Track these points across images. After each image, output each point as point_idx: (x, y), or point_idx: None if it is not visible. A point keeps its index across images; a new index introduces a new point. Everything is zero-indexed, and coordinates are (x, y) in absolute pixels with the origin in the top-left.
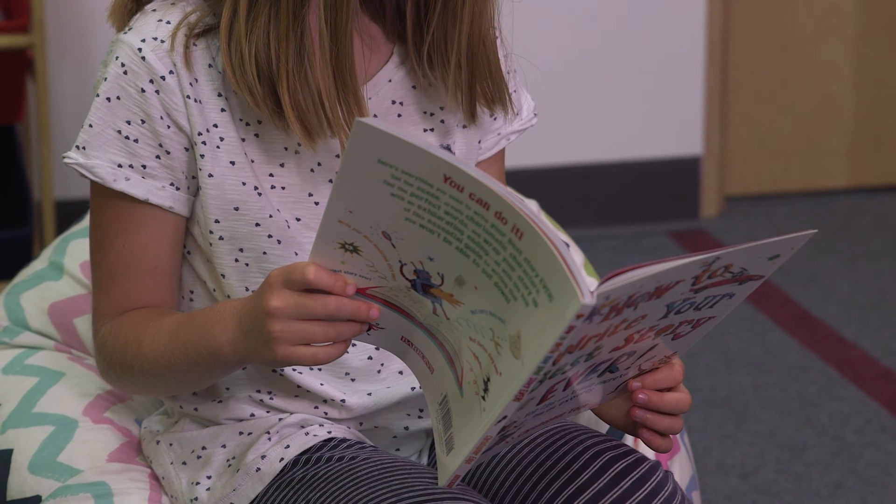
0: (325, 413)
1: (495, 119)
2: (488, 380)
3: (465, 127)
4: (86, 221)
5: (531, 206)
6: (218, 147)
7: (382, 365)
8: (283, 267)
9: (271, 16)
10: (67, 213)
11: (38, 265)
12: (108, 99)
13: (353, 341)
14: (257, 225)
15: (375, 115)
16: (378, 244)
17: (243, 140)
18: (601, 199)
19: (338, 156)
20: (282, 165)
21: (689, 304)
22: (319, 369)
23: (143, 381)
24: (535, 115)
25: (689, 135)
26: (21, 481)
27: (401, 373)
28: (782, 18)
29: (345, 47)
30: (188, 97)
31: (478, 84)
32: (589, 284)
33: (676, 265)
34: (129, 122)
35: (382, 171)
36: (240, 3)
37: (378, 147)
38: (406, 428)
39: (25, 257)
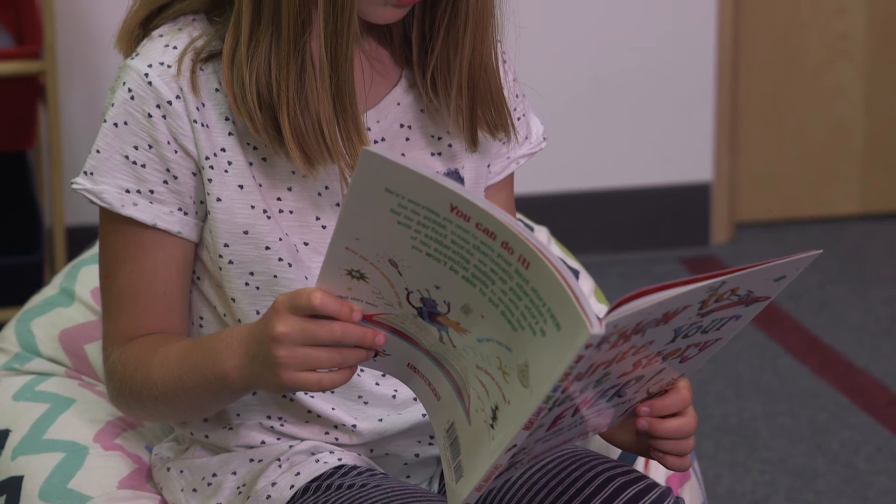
0: (336, 439)
1: (504, 143)
2: (496, 408)
3: (472, 151)
4: (96, 248)
5: (541, 234)
6: (226, 171)
7: (396, 391)
8: (290, 292)
9: (272, 42)
10: (78, 239)
11: (49, 291)
12: (116, 124)
13: (360, 367)
14: (267, 248)
15: (384, 139)
16: (385, 271)
17: (251, 164)
18: (611, 225)
19: (346, 178)
20: (289, 189)
21: (696, 328)
22: (332, 392)
23: (153, 407)
24: (545, 138)
25: (699, 161)
26: None
27: (415, 399)
28: (792, 44)
29: (345, 74)
30: (195, 122)
31: (479, 110)
32: (597, 312)
33: (684, 291)
34: (136, 148)
35: (389, 199)
36: (242, 29)
37: (385, 176)
38: (416, 455)
39: (36, 283)
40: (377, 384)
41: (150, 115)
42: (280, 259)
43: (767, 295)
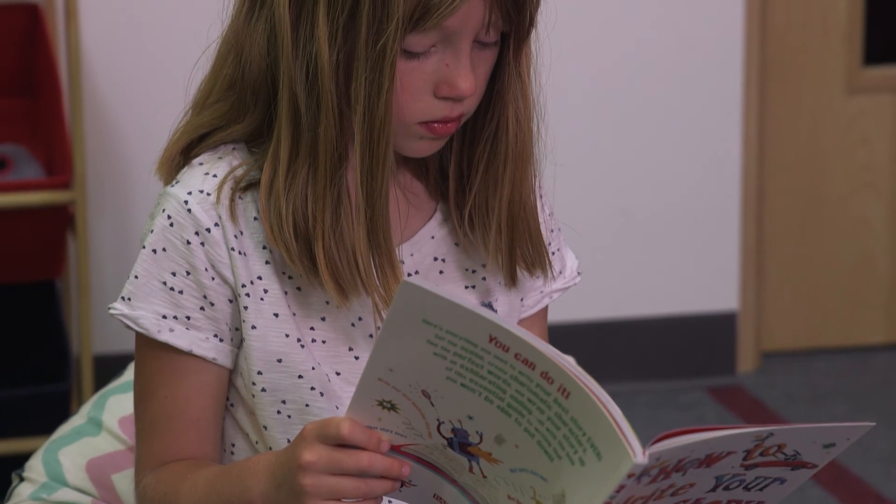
0: None
1: (538, 277)
2: None
3: (511, 288)
4: (125, 377)
5: (568, 362)
6: (262, 299)
7: None
8: (319, 421)
9: (309, 175)
10: (106, 368)
11: (76, 421)
12: (154, 251)
13: (386, 497)
14: (300, 377)
15: (417, 272)
16: (416, 402)
17: (286, 293)
18: (637, 354)
19: (379, 311)
20: (322, 319)
21: (738, 482)
22: None
23: None
24: (579, 273)
25: (725, 290)
26: None
27: None
28: (816, 174)
29: (380, 209)
30: (233, 249)
31: (518, 248)
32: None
33: (729, 434)
34: (174, 274)
35: (427, 330)
36: (280, 160)
37: (423, 307)
38: None
39: (64, 413)
40: None
41: (188, 242)
42: (312, 388)
43: (815, 462)
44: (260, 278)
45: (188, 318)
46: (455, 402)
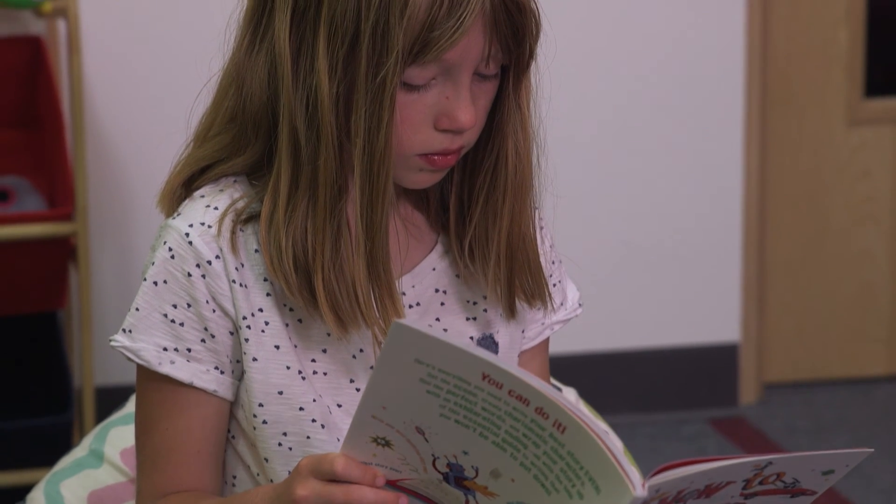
0: None
1: (539, 309)
2: None
3: (510, 320)
4: (126, 408)
5: (570, 394)
6: (263, 331)
7: None
8: (314, 456)
9: (309, 207)
10: (108, 400)
11: (78, 453)
12: (156, 283)
13: None
14: (301, 409)
15: (419, 304)
16: (411, 438)
17: (287, 325)
18: (639, 385)
19: (379, 343)
20: (324, 351)
21: None
22: None
23: None
24: (580, 305)
25: (726, 321)
26: None
27: None
28: (818, 206)
29: (380, 241)
30: (234, 282)
31: (517, 279)
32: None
33: (728, 464)
34: (175, 306)
35: (419, 369)
36: (280, 192)
37: (415, 347)
38: None
39: (65, 444)
40: None
41: (189, 275)
42: (313, 420)
43: (814, 489)
44: (261, 310)
45: (189, 350)
46: (449, 437)
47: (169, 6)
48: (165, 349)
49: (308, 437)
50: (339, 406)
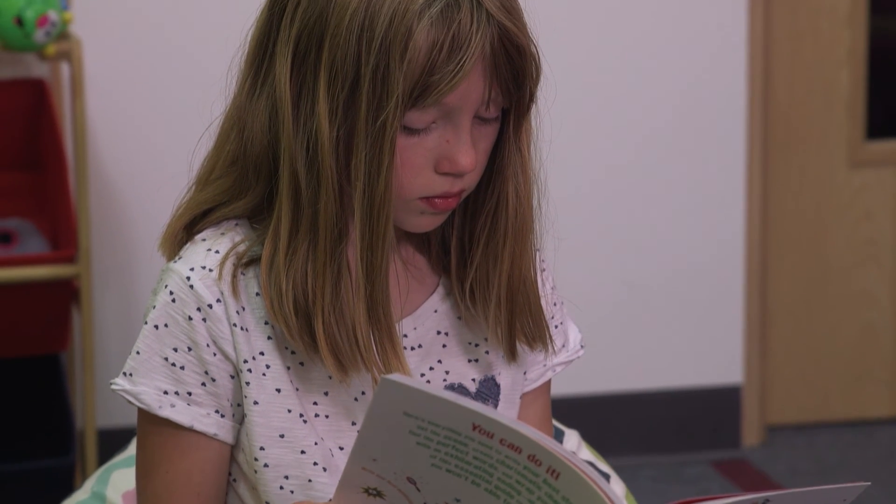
0: None
1: (540, 351)
2: None
3: (511, 363)
4: (129, 451)
5: (572, 437)
6: (264, 374)
7: None
8: (306, 503)
9: (310, 251)
10: (110, 442)
11: (80, 495)
12: (157, 326)
13: None
14: (302, 452)
15: (421, 346)
16: (402, 488)
17: (288, 368)
18: (642, 427)
19: None
20: (325, 394)
21: None
22: None
23: None
24: (582, 346)
25: (729, 363)
26: None
27: None
28: (820, 247)
29: (380, 285)
30: (235, 325)
31: (517, 322)
32: None
33: (726, 502)
34: (175, 350)
35: (408, 422)
36: (280, 236)
37: (404, 401)
38: None
39: (68, 487)
40: None
41: (190, 318)
42: (315, 463)
43: None
44: (262, 354)
45: (189, 393)
46: (441, 486)
47: (172, 50)
48: (166, 392)
49: (310, 481)
50: (341, 449)
